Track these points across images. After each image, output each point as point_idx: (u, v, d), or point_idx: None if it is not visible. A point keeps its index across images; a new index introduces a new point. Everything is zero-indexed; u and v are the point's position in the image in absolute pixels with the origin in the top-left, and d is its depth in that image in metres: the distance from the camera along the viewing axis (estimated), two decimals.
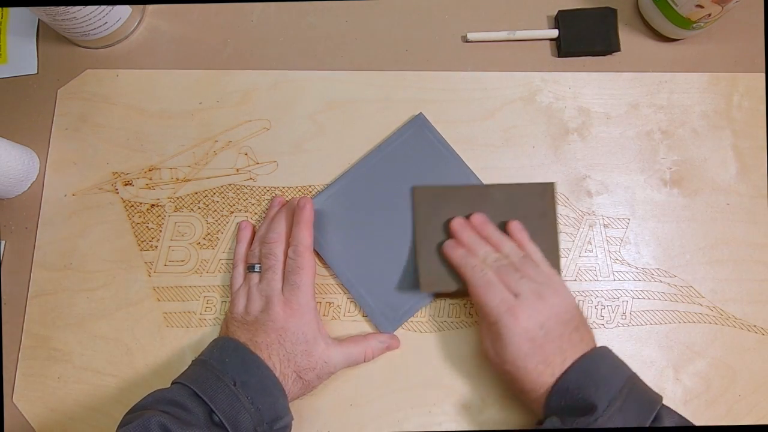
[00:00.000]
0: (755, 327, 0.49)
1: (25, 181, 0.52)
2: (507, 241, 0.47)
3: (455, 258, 0.46)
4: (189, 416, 0.38)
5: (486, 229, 0.47)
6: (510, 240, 0.47)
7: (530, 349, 0.41)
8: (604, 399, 0.39)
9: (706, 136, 0.53)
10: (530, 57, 0.55)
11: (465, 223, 0.47)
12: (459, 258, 0.46)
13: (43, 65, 0.56)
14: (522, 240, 0.47)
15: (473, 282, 0.44)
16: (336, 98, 0.54)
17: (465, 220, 0.48)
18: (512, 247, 0.46)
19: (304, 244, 0.45)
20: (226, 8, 0.57)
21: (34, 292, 0.50)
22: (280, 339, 0.43)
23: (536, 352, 0.41)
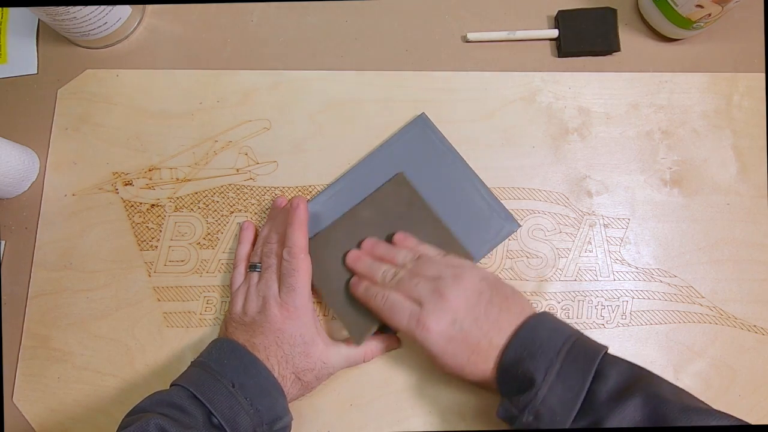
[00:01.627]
0: (755, 327, 0.49)
1: (25, 181, 0.52)
2: (398, 251, 0.46)
3: (359, 294, 0.45)
4: (188, 419, 0.38)
5: (377, 249, 0.47)
6: (401, 249, 0.47)
7: (454, 348, 0.41)
8: (542, 368, 0.38)
9: (706, 136, 0.53)
10: (530, 57, 0.55)
11: (357, 254, 0.47)
12: (362, 292, 0.45)
13: (43, 65, 0.56)
14: (410, 245, 0.47)
15: (381, 311, 0.44)
16: (336, 98, 0.54)
17: (357, 252, 0.47)
18: (404, 254, 0.46)
19: (298, 245, 0.45)
20: (226, 8, 0.57)
21: (34, 292, 0.50)
22: (277, 340, 0.43)
23: (460, 347, 0.41)
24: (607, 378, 0.37)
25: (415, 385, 0.48)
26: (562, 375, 0.37)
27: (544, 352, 0.38)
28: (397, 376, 0.48)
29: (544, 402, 0.37)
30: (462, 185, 0.51)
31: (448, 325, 0.41)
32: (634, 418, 0.35)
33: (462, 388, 0.48)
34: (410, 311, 0.42)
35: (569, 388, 0.37)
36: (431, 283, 0.43)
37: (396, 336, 0.48)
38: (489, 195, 0.51)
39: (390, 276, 0.45)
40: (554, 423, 0.37)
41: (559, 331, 0.40)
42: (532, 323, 0.41)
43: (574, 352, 0.38)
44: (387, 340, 0.48)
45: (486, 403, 0.47)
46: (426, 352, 0.42)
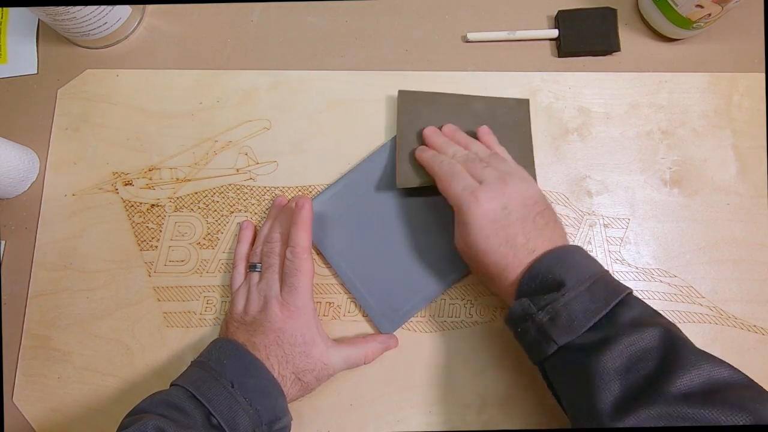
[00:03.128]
0: (755, 327, 0.49)
1: (25, 181, 0.52)
2: (476, 142, 0.48)
3: (426, 158, 0.47)
4: (187, 419, 0.38)
5: (456, 135, 0.49)
6: (479, 142, 0.48)
7: (492, 230, 0.41)
8: (573, 278, 0.38)
9: (706, 136, 0.53)
10: (530, 57, 0.55)
11: (436, 130, 0.49)
12: (429, 157, 0.47)
13: (43, 65, 0.56)
14: (490, 142, 0.49)
15: (440, 174, 0.45)
16: (336, 98, 0.54)
17: (436, 129, 0.49)
18: (481, 146, 0.48)
19: (301, 245, 0.45)
20: (226, 8, 0.57)
21: (34, 292, 0.50)
22: (278, 340, 0.43)
23: (498, 233, 0.41)
24: (632, 307, 0.37)
25: (415, 385, 0.48)
26: (591, 289, 0.38)
27: (578, 269, 0.39)
28: (397, 376, 0.48)
29: (568, 305, 0.37)
30: None
31: (498, 207, 0.42)
32: (651, 343, 0.35)
33: (462, 389, 0.48)
34: (468, 183, 0.43)
35: (594, 301, 0.37)
36: (498, 172, 0.44)
37: (395, 336, 0.48)
38: None
39: (461, 155, 0.46)
40: (569, 327, 0.37)
41: (594, 262, 0.41)
42: (571, 248, 0.41)
43: (605, 279, 0.39)
44: (386, 341, 0.48)
45: (486, 403, 0.47)
46: (465, 224, 0.42)
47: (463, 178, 0.44)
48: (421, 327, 0.49)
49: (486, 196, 0.42)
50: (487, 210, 0.42)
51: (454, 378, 0.48)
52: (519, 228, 0.41)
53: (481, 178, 0.43)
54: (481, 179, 0.43)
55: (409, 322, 0.49)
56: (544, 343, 0.38)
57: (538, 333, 0.38)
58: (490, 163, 0.45)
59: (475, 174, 0.44)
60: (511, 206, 0.42)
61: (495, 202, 0.42)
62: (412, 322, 0.49)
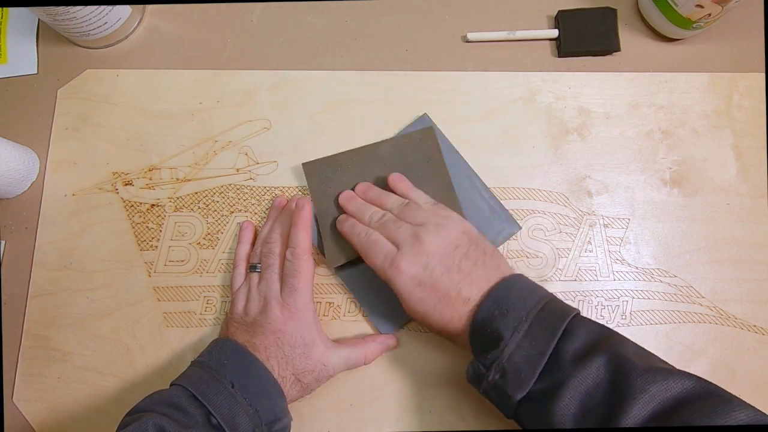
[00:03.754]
0: (755, 327, 0.49)
1: (25, 181, 0.52)
2: (389, 196, 0.48)
3: (345, 230, 0.47)
4: (187, 419, 0.38)
5: (369, 193, 0.49)
6: (393, 195, 0.48)
7: (422, 292, 0.41)
8: (510, 326, 0.38)
9: (706, 136, 0.53)
10: (530, 57, 0.55)
11: (350, 195, 0.49)
12: (347, 228, 0.47)
13: (43, 65, 0.56)
14: (403, 189, 0.48)
15: (360, 248, 0.45)
16: (336, 98, 0.54)
17: (350, 193, 0.49)
18: (395, 199, 0.47)
19: (301, 246, 0.45)
20: (226, 8, 0.57)
21: (34, 292, 0.50)
22: (278, 341, 0.43)
23: (429, 293, 0.41)
24: (574, 338, 0.37)
25: (414, 385, 0.48)
26: (530, 333, 0.37)
27: (515, 310, 0.38)
28: (397, 376, 0.48)
29: (510, 359, 0.37)
30: (463, 186, 0.51)
31: (419, 269, 0.41)
32: (598, 377, 0.35)
33: (462, 388, 0.48)
34: (387, 251, 0.43)
35: (535, 346, 0.37)
36: (413, 228, 0.43)
37: (394, 336, 0.48)
38: (490, 196, 0.51)
39: (377, 218, 0.46)
40: (519, 380, 0.37)
41: (532, 292, 0.40)
42: (507, 283, 0.41)
43: (544, 312, 0.38)
44: (386, 342, 0.48)
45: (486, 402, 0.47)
46: (395, 293, 0.43)
47: (381, 248, 0.43)
48: (420, 327, 0.49)
49: (405, 262, 0.42)
50: (410, 275, 0.41)
51: (454, 378, 0.48)
52: (447, 282, 0.41)
53: (397, 241, 0.43)
54: (397, 243, 0.43)
55: (409, 322, 0.49)
56: (506, 399, 0.38)
57: (495, 392, 0.38)
58: (404, 216, 0.45)
59: (391, 237, 0.43)
60: (431, 263, 0.41)
61: (415, 266, 0.41)
62: (412, 321, 0.49)
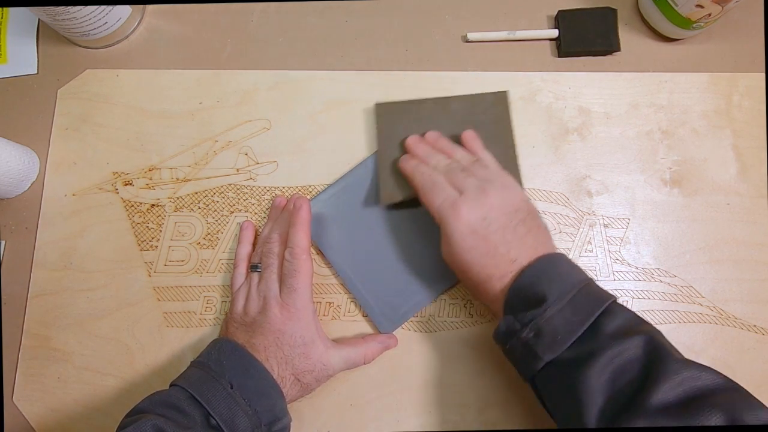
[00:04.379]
0: (755, 327, 0.49)
1: (25, 181, 0.52)
2: (459, 149, 0.48)
3: (408, 168, 0.47)
4: (186, 419, 0.38)
5: (439, 142, 0.49)
6: (462, 149, 0.48)
7: (473, 240, 0.41)
8: (555, 291, 0.38)
9: (706, 136, 0.53)
10: (530, 57, 0.55)
11: (419, 139, 0.49)
12: (411, 167, 0.47)
13: (43, 65, 0.56)
14: (474, 147, 0.48)
15: (421, 186, 0.45)
16: (336, 98, 0.54)
17: (419, 137, 0.49)
18: (464, 153, 0.47)
19: (300, 246, 0.45)
20: (226, 8, 0.57)
21: (34, 292, 0.50)
22: (277, 341, 0.43)
23: (479, 243, 0.41)
24: (614, 317, 0.37)
25: (415, 385, 0.48)
26: (573, 302, 0.38)
27: (561, 281, 0.39)
28: (397, 376, 0.48)
29: (550, 320, 0.37)
30: None
31: (478, 218, 0.42)
32: (634, 354, 0.35)
33: (462, 388, 0.48)
34: (449, 194, 0.43)
35: (577, 314, 0.37)
36: (479, 181, 0.44)
37: (394, 336, 0.48)
38: None
39: (443, 165, 0.46)
40: (553, 343, 0.37)
41: (577, 271, 0.41)
42: (554, 257, 0.41)
43: (588, 289, 0.39)
44: (386, 341, 0.48)
45: (486, 403, 0.47)
46: (447, 236, 0.42)
47: (443, 190, 0.44)
48: (421, 327, 0.49)
49: (466, 207, 0.42)
50: (467, 221, 0.42)
51: (454, 378, 0.48)
52: (500, 238, 0.41)
53: (461, 189, 0.43)
54: (461, 189, 0.43)
55: (409, 321, 0.49)
56: (531, 359, 0.38)
57: (524, 350, 0.38)
58: (471, 171, 0.45)
59: (456, 184, 0.44)
60: (491, 216, 0.42)
61: (475, 213, 0.42)
62: (412, 321, 0.49)
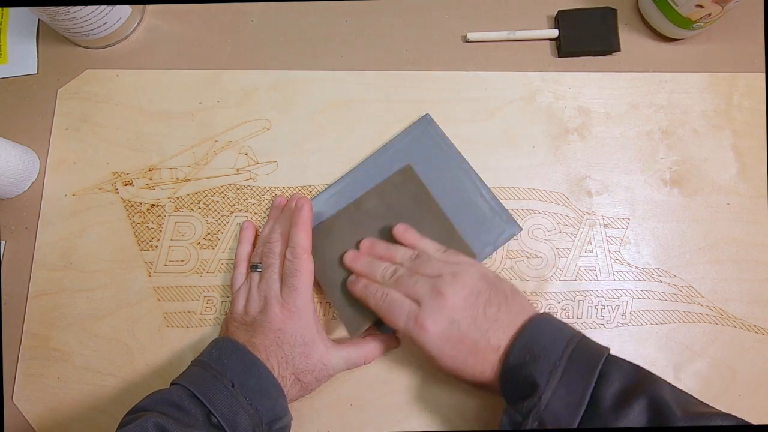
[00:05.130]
0: (755, 327, 0.49)
1: (25, 181, 0.52)
2: (397, 249, 0.46)
3: (358, 292, 0.45)
4: (187, 418, 0.38)
5: (376, 249, 0.47)
6: (400, 247, 0.46)
7: (451, 348, 0.41)
8: (545, 372, 0.37)
9: (706, 136, 0.53)
10: (530, 57, 0.55)
11: (356, 253, 0.47)
12: (361, 290, 0.45)
13: (43, 65, 0.56)
14: (410, 240, 0.47)
15: (379, 308, 0.44)
16: (336, 98, 0.54)
17: (355, 252, 0.47)
18: (404, 252, 0.46)
19: (301, 245, 0.45)
20: (226, 8, 0.57)
21: (34, 292, 0.50)
22: (278, 341, 0.43)
23: (458, 348, 0.41)
24: (611, 381, 0.36)
25: (415, 385, 0.48)
26: (565, 379, 0.37)
27: (546, 355, 0.38)
28: (397, 376, 0.48)
29: (548, 408, 0.36)
30: (464, 187, 0.51)
31: (446, 325, 0.41)
32: (639, 423, 0.34)
33: (462, 388, 0.48)
34: (408, 310, 0.42)
35: (573, 392, 0.36)
36: (430, 281, 0.42)
37: (395, 336, 0.48)
38: (491, 197, 0.51)
39: (389, 274, 0.45)
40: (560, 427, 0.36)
41: (561, 333, 0.40)
42: (534, 325, 0.40)
43: (576, 355, 0.38)
44: (386, 341, 0.47)
45: (486, 403, 0.47)
46: (424, 352, 0.42)
47: (400, 307, 0.42)
48: None
49: (430, 320, 0.41)
50: (436, 333, 0.41)
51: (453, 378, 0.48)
52: (475, 333, 0.40)
53: (417, 298, 0.42)
54: (417, 298, 0.42)
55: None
56: None
57: None
58: (418, 270, 0.44)
59: (409, 293, 0.43)
60: (456, 317, 0.41)
61: (441, 322, 0.41)
62: None
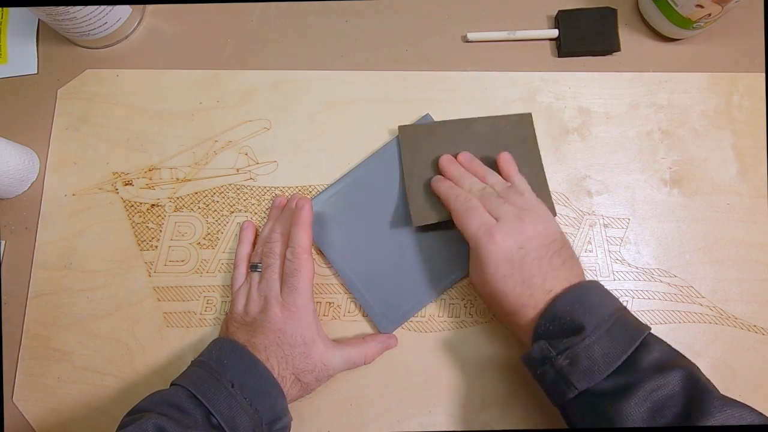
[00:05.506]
0: (755, 327, 0.49)
1: (25, 181, 0.52)
2: (493, 173, 0.48)
3: (442, 190, 0.46)
4: (187, 418, 0.38)
5: (472, 164, 0.48)
6: (495, 173, 0.48)
7: (508, 269, 0.41)
8: (593, 321, 0.38)
9: (706, 136, 0.53)
10: (530, 57, 0.55)
11: (452, 159, 0.49)
12: (445, 189, 0.46)
13: (43, 65, 0.56)
14: (509, 171, 0.48)
15: (456, 209, 0.44)
16: (336, 98, 0.54)
17: (452, 158, 0.49)
18: (498, 178, 0.47)
19: (302, 246, 0.45)
20: (226, 8, 0.57)
21: (34, 292, 0.50)
22: (278, 341, 0.43)
23: (514, 272, 0.41)
24: (651, 350, 0.37)
25: (415, 385, 0.48)
26: (610, 333, 0.38)
27: (597, 310, 0.39)
28: (397, 376, 0.48)
29: (588, 349, 0.37)
30: None
31: (514, 246, 0.41)
32: (673, 388, 0.35)
33: (462, 389, 0.48)
34: (484, 220, 0.43)
35: (615, 346, 0.37)
36: (515, 209, 0.43)
37: (394, 335, 0.48)
38: None
39: (477, 188, 0.46)
40: (590, 372, 0.37)
41: (612, 299, 0.41)
42: (588, 286, 0.41)
43: (624, 320, 0.39)
44: (386, 341, 0.48)
45: (486, 403, 0.47)
46: (480, 262, 0.42)
47: (479, 215, 0.43)
48: (420, 327, 0.49)
49: (502, 235, 0.41)
50: (503, 249, 0.41)
51: (454, 378, 0.48)
52: (535, 268, 0.41)
53: (497, 215, 0.43)
54: (497, 216, 0.43)
55: (409, 321, 0.49)
56: (564, 387, 0.38)
57: (557, 377, 0.38)
58: (507, 198, 0.44)
59: (492, 210, 0.43)
60: (527, 246, 0.41)
61: (511, 241, 0.41)
62: (412, 321, 0.49)
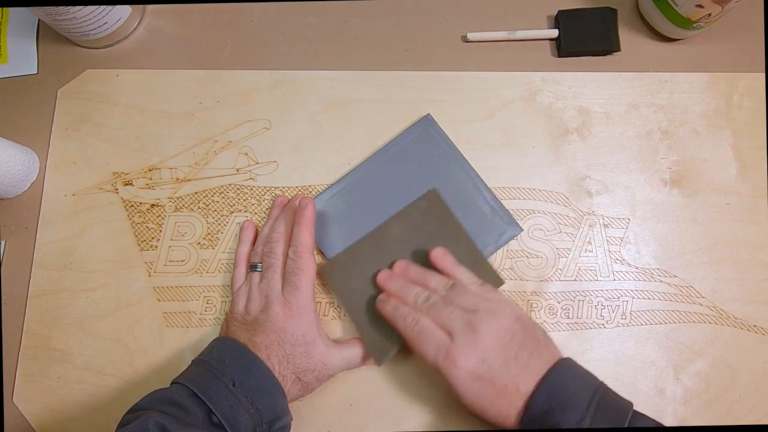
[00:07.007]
0: (755, 327, 0.49)
1: (25, 181, 0.52)
2: (433, 274, 0.45)
3: (387, 312, 0.44)
4: (188, 416, 0.38)
5: (410, 272, 0.46)
6: (435, 273, 0.46)
7: (480, 388, 0.39)
8: (573, 418, 0.37)
9: (706, 136, 0.53)
10: (530, 57, 0.55)
11: (389, 273, 0.46)
12: (391, 311, 0.44)
13: (43, 65, 0.56)
14: (445, 267, 0.46)
15: (407, 335, 0.42)
16: (336, 98, 0.54)
17: (389, 272, 0.47)
18: (439, 278, 0.45)
19: (304, 245, 0.45)
20: (226, 8, 0.57)
21: (34, 292, 0.50)
22: (279, 340, 0.43)
23: (486, 388, 0.39)
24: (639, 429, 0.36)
25: (415, 385, 0.48)
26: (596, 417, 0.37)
27: (573, 405, 0.38)
28: (397, 376, 0.48)
29: None
30: (465, 188, 0.51)
31: (477, 363, 0.40)
32: None
33: None
34: (439, 342, 0.41)
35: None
36: (465, 315, 0.41)
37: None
38: (492, 198, 0.51)
39: (423, 299, 0.44)
40: None
41: (585, 382, 0.40)
42: (559, 372, 0.40)
43: (603, 408, 0.38)
44: None
45: None
46: (450, 388, 0.40)
47: (432, 337, 0.41)
48: None
49: (462, 356, 0.40)
50: (467, 370, 0.40)
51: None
52: (505, 376, 0.39)
53: (450, 329, 0.41)
54: (450, 329, 0.41)
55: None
56: None
57: None
58: (453, 301, 0.42)
59: (443, 323, 0.41)
60: (489, 357, 0.40)
61: (473, 360, 0.40)
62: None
